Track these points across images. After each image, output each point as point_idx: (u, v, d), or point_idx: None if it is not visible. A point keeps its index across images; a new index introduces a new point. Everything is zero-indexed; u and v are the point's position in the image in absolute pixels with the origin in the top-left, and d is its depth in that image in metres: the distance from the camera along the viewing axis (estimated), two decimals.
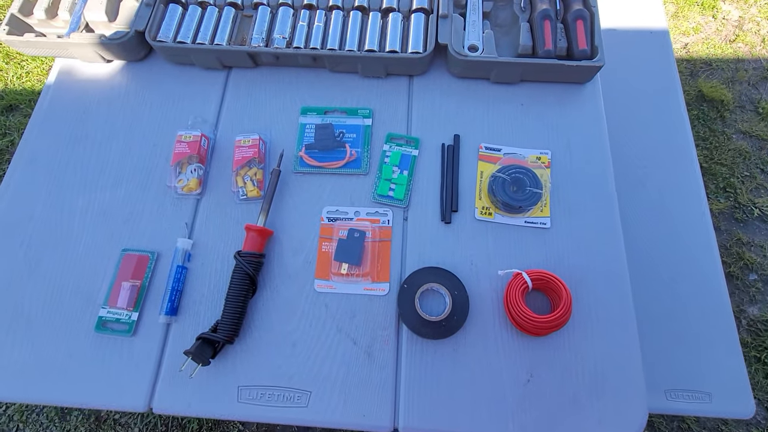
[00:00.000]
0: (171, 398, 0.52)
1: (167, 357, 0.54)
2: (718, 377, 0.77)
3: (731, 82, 1.63)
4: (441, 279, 0.54)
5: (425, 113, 0.66)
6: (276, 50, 0.65)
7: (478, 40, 0.65)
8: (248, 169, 0.62)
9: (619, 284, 0.56)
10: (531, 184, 0.57)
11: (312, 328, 0.55)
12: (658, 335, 0.79)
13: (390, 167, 0.62)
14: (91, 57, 0.69)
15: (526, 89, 0.66)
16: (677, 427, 1.21)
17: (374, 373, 0.52)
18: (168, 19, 0.68)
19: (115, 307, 0.55)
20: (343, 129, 0.64)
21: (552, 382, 0.51)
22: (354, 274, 0.56)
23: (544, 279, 0.52)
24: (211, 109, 0.67)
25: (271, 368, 0.53)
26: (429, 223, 0.59)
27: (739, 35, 1.72)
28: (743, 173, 1.48)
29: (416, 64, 0.65)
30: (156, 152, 0.64)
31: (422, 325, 0.52)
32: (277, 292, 0.56)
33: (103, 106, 0.68)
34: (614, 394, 0.51)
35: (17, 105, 1.63)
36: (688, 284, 0.82)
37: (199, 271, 0.58)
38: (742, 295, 1.33)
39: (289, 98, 0.67)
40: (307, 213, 0.60)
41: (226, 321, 0.52)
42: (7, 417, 1.25)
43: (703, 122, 1.56)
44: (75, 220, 0.61)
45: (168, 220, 0.60)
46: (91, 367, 0.54)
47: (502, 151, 0.62)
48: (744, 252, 1.37)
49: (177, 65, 0.70)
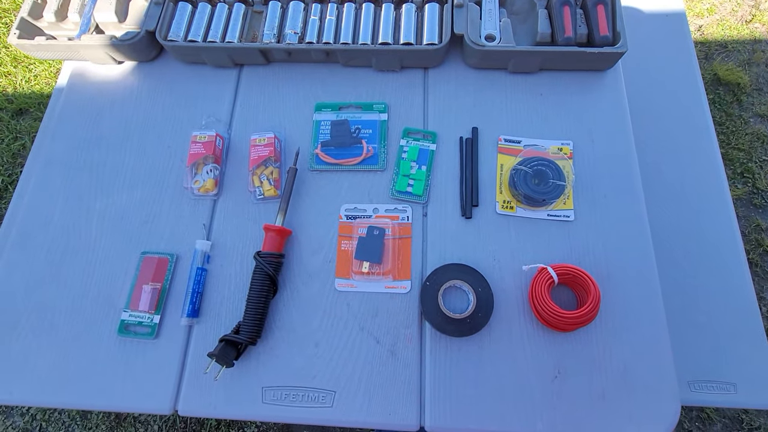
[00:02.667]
0: (196, 400, 0.52)
1: (190, 359, 0.54)
2: (742, 367, 0.75)
3: (748, 64, 1.59)
4: (464, 275, 0.54)
5: (442, 106, 0.64)
6: (288, 46, 0.64)
7: (495, 29, 0.63)
8: (264, 168, 0.61)
9: (647, 277, 0.54)
10: (554, 176, 0.56)
11: (334, 327, 0.54)
12: (681, 326, 0.78)
13: (408, 162, 0.60)
14: (102, 59, 0.68)
15: (545, 78, 0.65)
16: (696, 416, 1.20)
17: (399, 371, 0.52)
18: (178, 18, 0.67)
19: (137, 311, 0.55)
20: (358, 125, 0.63)
21: (580, 378, 0.50)
22: (375, 273, 0.55)
23: (571, 274, 0.51)
24: (225, 108, 0.66)
25: (295, 368, 0.53)
26: (449, 218, 0.58)
27: (755, 15, 1.67)
28: (761, 158, 1.45)
29: (431, 56, 0.63)
30: (171, 153, 0.64)
31: (446, 323, 0.52)
32: (297, 292, 0.56)
33: (116, 108, 0.68)
34: (645, 390, 0.50)
35: (27, 109, 1.63)
36: (710, 273, 0.81)
37: (218, 272, 0.57)
38: (762, 283, 1.30)
39: (302, 94, 0.66)
40: (325, 211, 0.59)
41: (248, 322, 0.52)
42: (30, 416, 1.27)
43: (719, 106, 1.52)
44: (93, 224, 0.61)
45: (186, 221, 0.60)
46: (115, 371, 0.54)
47: (522, 142, 0.61)
48: (763, 238, 1.34)
49: (188, 64, 0.70)
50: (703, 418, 1.19)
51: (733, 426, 1.18)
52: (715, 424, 1.18)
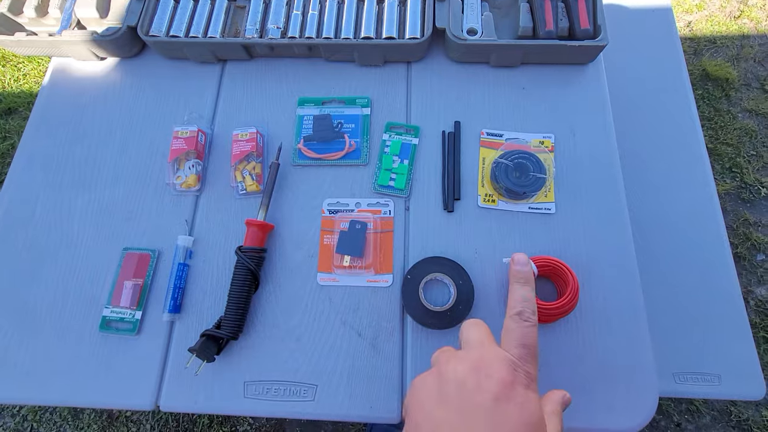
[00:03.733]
0: (178, 396, 0.52)
1: (172, 355, 0.54)
2: (727, 359, 0.76)
3: (736, 59, 1.60)
4: (445, 269, 0.54)
5: (424, 100, 0.64)
6: (270, 41, 0.64)
7: (477, 23, 0.63)
8: (246, 163, 0.61)
9: (627, 268, 0.55)
10: (534, 169, 0.56)
11: (316, 321, 0.54)
12: (666, 318, 0.78)
13: (390, 157, 0.61)
14: (84, 55, 0.68)
15: (527, 72, 0.65)
16: (686, 409, 1.21)
17: (380, 364, 0.52)
18: (160, 13, 0.66)
19: (119, 306, 0.55)
20: (341, 119, 0.63)
21: (561, 369, 0.51)
22: (357, 267, 0.55)
23: (550, 265, 0.51)
24: (207, 104, 0.66)
25: (277, 363, 0.53)
26: (431, 212, 0.58)
27: (743, 11, 1.68)
28: (749, 152, 1.46)
29: (414, 50, 0.64)
30: (153, 149, 0.64)
31: (427, 316, 0.52)
32: (280, 287, 0.56)
33: (98, 104, 0.67)
34: (624, 381, 0.50)
35: (16, 108, 1.62)
36: (696, 266, 0.81)
37: (201, 267, 0.57)
38: (750, 276, 1.32)
39: (285, 89, 0.66)
40: (307, 206, 0.59)
41: (230, 317, 0.52)
42: (21, 417, 1.27)
43: (708, 102, 1.53)
44: (75, 220, 0.60)
45: (168, 217, 0.60)
46: (97, 367, 0.54)
47: (504, 136, 0.61)
48: (751, 232, 1.35)
49: (171, 60, 0.69)
50: (692, 411, 1.20)
51: (721, 418, 1.19)
52: (704, 417, 1.19)
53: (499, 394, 0.29)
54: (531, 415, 0.29)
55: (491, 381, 0.30)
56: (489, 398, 0.29)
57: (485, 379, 0.30)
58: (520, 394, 0.30)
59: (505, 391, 0.30)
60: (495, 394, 0.29)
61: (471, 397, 0.30)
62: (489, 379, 0.30)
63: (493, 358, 0.32)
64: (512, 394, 0.30)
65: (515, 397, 0.30)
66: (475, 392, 0.30)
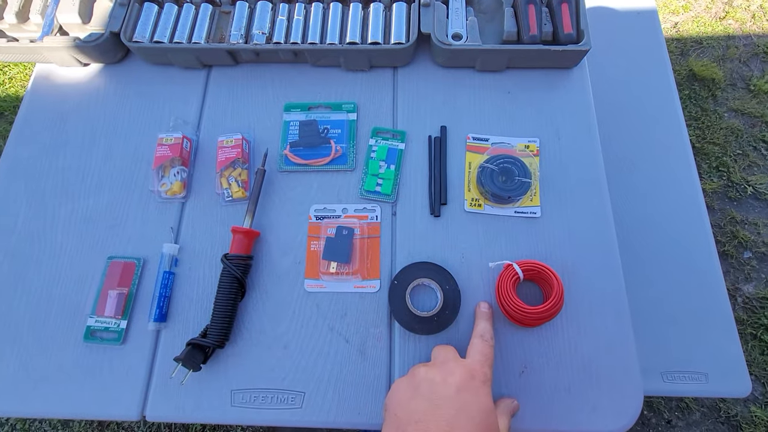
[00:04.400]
0: (164, 405, 0.51)
1: (158, 364, 0.53)
2: (713, 358, 0.77)
3: (722, 59, 1.62)
4: (431, 274, 0.54)
5: (411, 105, 0.64)
6: (255, 46, 0.63)
7: (462, 28, 0.63)
8: (232, 169, 0.60)
9: (611, 271, 0.55)
10: (519, 173, 0.56)
11: (303, 328, 0.54)
12: (654, 318, 0.79)
13: (377, 162, 0.61)
14: (67, 61, 0.67)
15: (512, 76, 0.65)
16: (676, 406, 1.22)
17: (368, 371, 0.52)
18: (144, 19, 0.66)
19: (103, 316, 0.55)
20: (327, 125, 0.63)
21: (546, 372, 0.51)
22: (344, 273, 0.55)
23: (535, 269, 0.52)
24: (193, 110, 0.66)
25: (264, 370, 0.53)
26: (418, 217, 0.58)
27: (729, 12, 1.71)
28: (736, 151, 1.48)
29: (399, 55, 0.64)
30: (138, 156, 0.63)
31: (414, 321, 0.52)
32: (266, 294, 0.56)
33: (82, 111, 0.67)
34: (609, 382, 0.51)
35: (2, 112, 1.60)
36: (682, 266, 0.82)
37: (186, 275, 0.57)
38: (737, 274, 1.33)
39: (271, 95, 0.66)
40: (294, 212, 0.59)
41: (216, 325, 0.52)
42: (9, 426, 1.25)
43: (695, 101, 1.55)
44: (58, 229, 0.60)
45: (153, 225, 0.59)
46: (81, 378, 0.53)
47: (490, 140, 0.62)
48: (738, 230, 1.37)
49: (155, 66, 0.69)
50: (682, 408, 1.22)
51: (711, 414, 1.21)
52: (694, 413, 1.21)
53: (460, 386, 0.40)
54: (485, 403, 0.40)
55: (454, 377, 0.41)
56: (453, 389, 0.40)
57: (449, 376, 0.41)
58: (476, 387, 0.40)
59: (464, 383, 0.40)
60: (457, 386, 0.40)
61: (438, 390, 0.40)
62: (452, 376, 0.41)
63: (456, 365, 0.42)
64: (470, 387, 0.40)
65: (473, 389, 0.40)
66: (442, 386, 0.40)
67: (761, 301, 1.29)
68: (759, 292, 1.30)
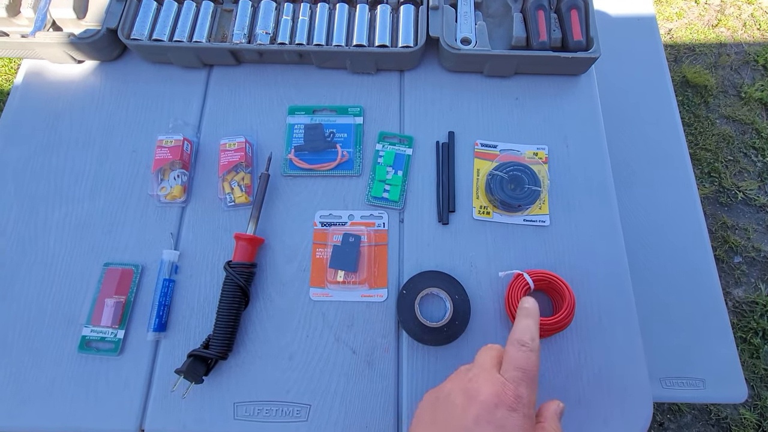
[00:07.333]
0: (163, 419, 0.50)
1: (157, 375, 0.51)
2: (710, 363, 0.78)
3: (714, 67, 1.64)
4: (441, 283, 0.53)
5: (418, 110, 0.63)
6: (259, 46, 0.62)
7: (471, 33, 0.62)
8: (235, 173, 0.59)
9: (620, 280, 0.55)
10: (529, 181, 0.55)
11: (309, 338, 0.53)
12: (653, 323, 0.80)
13: (384, 168, 0.59)
14: (60, 57, 0.64)
15: (520, 82, 0.65)
16: (668, 408, 1.24)
17: (375, 382, 0.51)
18: (142, 15, 0.63)
19: (99, 326, 0.52)
20: (333, 129, 0.61)
21: (556, 384, 0.51)
22: (351, 281, 0.54)
23: (546, 279, 0.51)
24: (193, 111, 0.64)
25: (268, 382, 0.51)
26: (426, 224, 0.57)
27: (721, 20, 1.73)
28: (727, 158, 1.51)
29: (407, 59, 0.62)
30: (136, 158, 0.61)
31: (423, 332, 0.51)
32: (271, 303, 0.54)
33: (76, 110, 0.64)
34: (619, 393, 0.50)
35: None
36: (680, 272, 0.83)
37: (187, 283, 0.55)
38: (728, 278, 1.36)
39: (275, 97, 0.64)
40: (299, 218, 0.58)
41: (219, 336, 0.50)
42: None
43: (688, 108, 1.57)
44: (51, 235, 0.57)
45: (152, 230, 0.57)
46: (76, 390, 0.51)
47: (499, 147, 0.61)
48: (729, 235, 1.39)
49: (154, 64, 0.66)
50: (674, 410, 1.23)
51: (702, 416, 1.22)
52: (686, 416, 1.22)
53: (479, 417, 0.32)
54: None
55: (475, 403, 0.33)
56: (470, 421, 0.32)
57: (470, 401, 0.33)
58: (501, 419, 0.32)
59: (485, 413, 0.32)
60: (475, 417, 0.32)
61: (456, 419, 0.33)
62: (473, 402, 0.33)
63: (483, 381, 0.34)
64: (492, 417, 0.32)
65: (495, 421, 0.32)
66: (461, 414, 0.33)
67: (750, 305, 1.31)
68: (748, 296, 1.32)
